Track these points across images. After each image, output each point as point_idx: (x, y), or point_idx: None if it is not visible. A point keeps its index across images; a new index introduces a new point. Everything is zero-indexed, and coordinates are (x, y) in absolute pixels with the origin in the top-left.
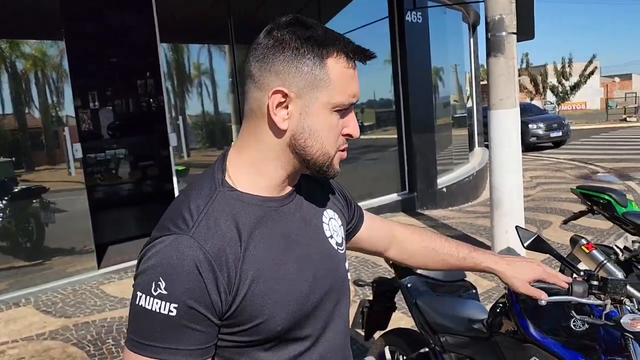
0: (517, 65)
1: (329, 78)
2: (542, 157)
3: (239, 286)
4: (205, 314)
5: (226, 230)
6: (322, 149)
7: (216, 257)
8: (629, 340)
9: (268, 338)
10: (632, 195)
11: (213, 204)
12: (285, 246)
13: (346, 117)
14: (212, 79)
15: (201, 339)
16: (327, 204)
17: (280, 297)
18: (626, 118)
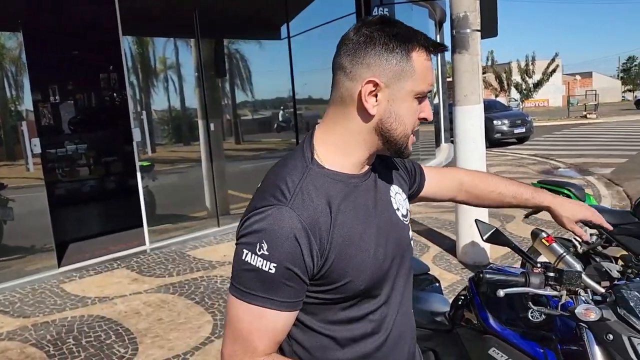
0: (481, 62)
1: (414, 69)
2: (506, 152)
3: (329, 252)
4: (298, 274)
5: (318, 202)
6: (404, 131)
7: (311, 226)
8: (584, 330)
9: (349, 296)
10: (591, 190)
11: (306, 179)
12: (365, 217)
13: (423, 102)
14: (177, 73)
15: (292, 294)
16: (393, 180)
17: (363, 260)
18: (586, 115)
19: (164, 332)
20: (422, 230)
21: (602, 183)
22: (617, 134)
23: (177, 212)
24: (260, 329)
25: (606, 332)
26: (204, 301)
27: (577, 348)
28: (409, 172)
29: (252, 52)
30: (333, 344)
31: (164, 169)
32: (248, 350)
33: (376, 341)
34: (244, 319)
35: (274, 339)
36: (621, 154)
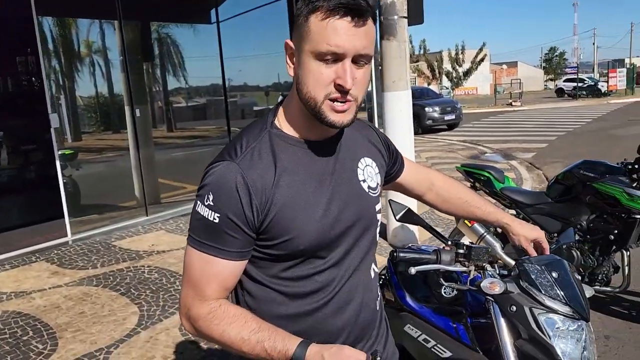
0: (408, 49)
1: (309, 29)
2: (438, 139)
3: (270, 208)
4: (240, 225)
5: (266, 162)
6: (309, 94)
7: (253, 182)
8: (490, 303)
9: (292, 254)
10: (514, 173)
11: (261, 141)
12: (317, 182)
13: (339, 68)
14: (101, 57)
15: (238, 244)
16: (365, 152)
17: (307, 222)
18: (512, 103)
19: (86, 326)
20: None
21: (524, 167)
22: (539, 121)
23: (103, 202)
24: (208, 275)
25: (510, 304)
26: (130, 292)
27: (485, 321)
28: (391, 153)
29: (183, 37)
30: (279, 298)
31: (90, 158)
32: (197, 295)
33: (319, 302)
34: (194, 265)
35: (222, 286)
36: (542, 140)
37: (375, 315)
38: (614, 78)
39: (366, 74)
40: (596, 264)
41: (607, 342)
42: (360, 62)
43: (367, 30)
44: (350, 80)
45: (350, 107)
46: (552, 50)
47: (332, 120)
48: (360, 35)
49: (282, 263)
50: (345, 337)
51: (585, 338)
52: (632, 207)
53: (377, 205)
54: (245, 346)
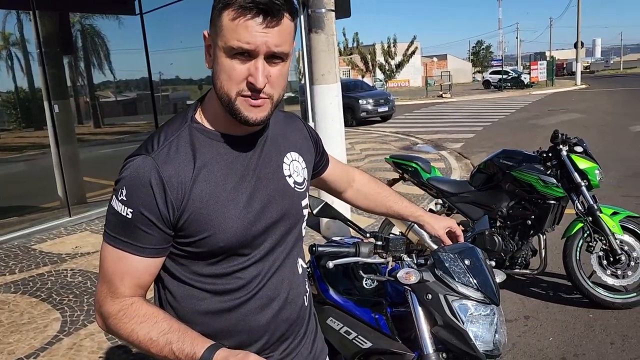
0: (336, 42)
1: (222, 25)
2: (371, 130)
3: (187, 204)
4: (154, 221)
5: (184, 156)
6: (222, 90)
7: (168, 177)
8: (408, 293)
9: (213, 251)
10: (444, 163)
11: (179, 135)
12: (239, 178)
13: (251, 66)
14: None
15: (152, 241)
16: (293, 147)
17: (226, 218)
18: (442, 95)
19: (3, 336)
20: None
21: (453, 157)
22: (467, 112)
23: (23, 203)
24: (121, 271)
25: (426, 292)
26: (52, 297)
27: (405, 310)
28: (318, 148)
29: (108, 28)
30: (201, 295)
31: (9, 157)
32: (110, 291)
33: (242, 298)
34: (108, 261)
35: (135, 283)
36: (470, 130)
37: (304, 312)
38: (536, 70)
39: (282, 71)
40: (516, 248)
41: (526, 322)
42: (275, 61)
43: (282, 29)
44: (262, 79)
45: (264, 103)
46: (479, 43)
47: (245, 116)
48: (273, 34)
49: (203, 260)
50: (270, 335)
51: (496, 321)
52: (547, 193)
53: (303, 201)
54: (153, 347)
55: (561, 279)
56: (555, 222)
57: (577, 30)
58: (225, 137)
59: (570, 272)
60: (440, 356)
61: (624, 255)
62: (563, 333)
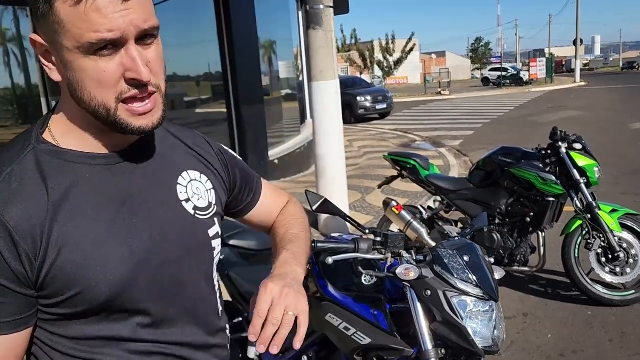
0: (334, 39)
1: (61, 20)
2: (370, 128)
3: (47, 253)
4: (6, 285)
5: (32, 191)
6: (94, 101)
7: (16, 224)
8: (407, 289)
9: (92, 310)
10: (442, 161)
11: (21, 163)
12: (115, 207)
13: (124, 57)
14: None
15: (9, 310)
16: (189, 164)
17: (101, 265)
18: (441, 92)
19: None
20: None
21: (452, 154)
22: (466, 109)
23: None
24: None
25: (425, 288)
26: None
27: (403, 306)
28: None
29: None
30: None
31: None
32: None
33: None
34: None
35: None
36: (469, 127)
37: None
38: (535, 67)
39: (159, 52)
40: (515, 245)
41: (525, 319)
42: (147, 41)
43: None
44: (145, 69)
45: (155, 101)
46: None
47: (137, 126)
48: (136, 8)
49: (85, 321)
50: None
51: (495, 318)
52: (546, 190)
53: (210, 230)
54: None
55: (560, 277)
56: (554, 220)
57: (577, 27)
58: (88, 157)
59: (569, 269)
60: (439, 352)
61: (622, 252)
62: (562, 330)
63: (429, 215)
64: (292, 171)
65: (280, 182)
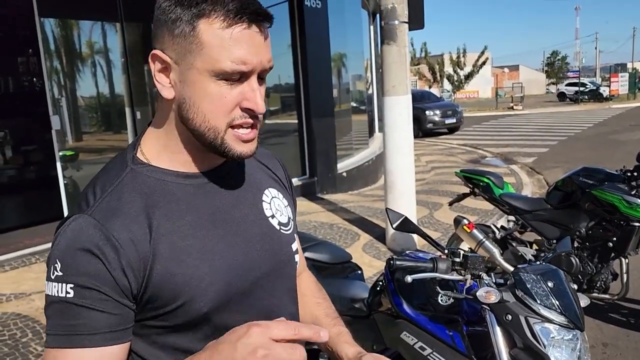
0: (409, 54)
1: (201, 42)
2: (438, 142)
3: (152, 264)
4: (108, 293)
5: (132, 207)
6: (205, 123)
7: (118, 235)
8: (486, 312)
9: (193, 322)
10: (514, 178)
11: (121, 182)
12: (211, 224)
13: (245, 88)
14: (103, 58)
15: (107, 321)
16: (269, 182)
17: (202, 276)
18: (513, 106)
19: None
20: (354, 218)
21: (525, 171)
22: (540, 125)
23: None
24: None
25: (506, 313)
26: None
27: (481, 329)
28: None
29: None
30: None
31: (91, 159)
32: None
33: None
34: None
35: None
36: (543, 144)
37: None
38: (616, 83)
39: (265, 87)
40: (595, 271)
41: (604, 349)
42: (263, 77)
43: (269, 40)
44: (262, 102)
45: (256, 130)
46: (554, 54)
47: (239, 152)
48: (267, 47)
49: (185, 333)
50: None
51: (580, 347)
52: (631, 214)
53: (293, 245)
54: None
55: None
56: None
57: None
58: (183, 176)
59: None
60: None
61: None
62: None
63: (502, 235)
64: (360, 184)
65: (347, 195)
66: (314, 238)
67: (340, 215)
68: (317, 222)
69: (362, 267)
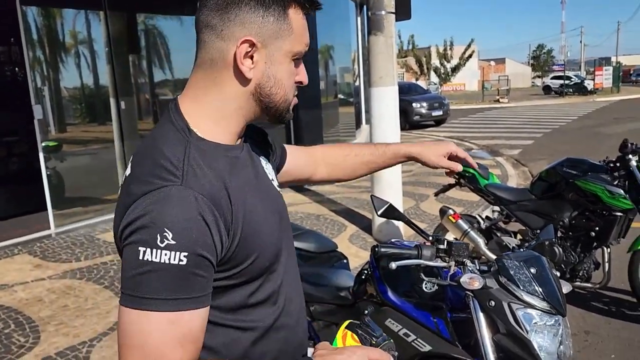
0: (396, 45)
1: (291, 28)
2: (424, 134)
3: (236, 228)
4: (210, 259)
5: (211, 177)
6: (284, 96)
7: (213, 202)
8: (470, 298)
9: (256, 276)
10: (500, 170)
11: (189, 155)
12: (253, 190)
13: (299, 65)
14: (86, 48)
15: (205, 285)
16: (261, 151)
17: (264, 234)
18: (499, 99)
19: (69, 319)
20: (340, 210)
21: (510, 163)
22: (526, 118)
23: (88, 195)
24: (177, 336)
25: (489, 299)
26: (114, 285)
27: (465, 316)
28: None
29: (170, 29)
30: (241, 337)
31: (75, 150)
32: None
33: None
34: (152, 332)
35: (195, 343)
36: (528, 137)
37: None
38: (600, 76)
39: None
40: (577, 260)
41: (587, 337)
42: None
43: None
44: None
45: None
46: (540, 47)
47: (290, 116)
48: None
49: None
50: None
51: (561, 333)
52: (613, 204)
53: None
54: None
55: (625, 295)
56: (621, 235)
57: None
58: (226, 149)
59: (635, 287)
60: None
61: None
62: (626, 351)
63: (487, 226)
64: None
65: (334, 186)
66: (300, 227)
67: (327, 206)
68: (304, 213)
69: (348, 257)
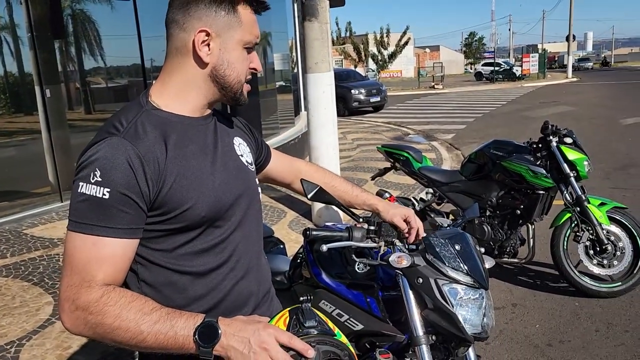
0: (331, 31)
1: (240, 20)
2: (363, 120)
3: (165, 179)
4: (134, 199)
5: (153, 135)
6: (237, 78)
7: (145, 154)
8: (399, 277)
9: (194, 224)
10: (435, 154)
11: (140, 117)
12: (204, 154)
13: (251, 54)
14: (7, 33)
15: (129, 220)
16: (236, 132)
17: (200, 191)
18: (434, 85)
19: None
20: (279, 197)
21: (444, 147)
22: (459, 103)
23: (13, 188)
24: (98, 257)
25: (417, 276)
26: (44, 281)
27: (396, 294)
28: (255, 138)
29: (100, 13)
30: (181, 280)
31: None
32: (85, 281)
33: (224, 273)
34: (80, 250)
35: (113, 268)
36: (461, 121)
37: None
38: (528, 62)
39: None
40: (505, 237)
41: (514, 309)
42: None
43: None
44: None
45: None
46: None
47: (244, 100)
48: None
49: (182, 235)
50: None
51: (485, 305)
52: (536, 183)
53: (256, 179)
54: (145, 324)
55: (548, 268)
56: (544, 212)
57: (570, 23)
58: (182, 117)
59: (557, 261)
60: (429, 338)
61: (610, 245)
62: (549, 320)
63: (421, 207)
64: None
65: None
66: None
67: (267, 193)
68: None
69: (288, 243)
